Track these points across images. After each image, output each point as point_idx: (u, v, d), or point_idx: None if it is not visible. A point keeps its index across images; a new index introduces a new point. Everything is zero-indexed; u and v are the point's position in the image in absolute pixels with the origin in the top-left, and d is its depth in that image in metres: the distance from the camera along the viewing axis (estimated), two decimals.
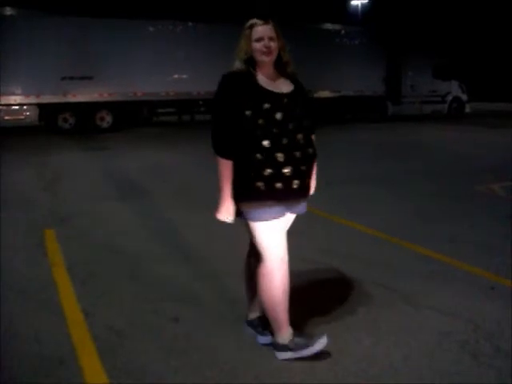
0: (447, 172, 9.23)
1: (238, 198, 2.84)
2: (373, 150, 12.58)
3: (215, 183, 2.89)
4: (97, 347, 3.11)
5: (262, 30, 2.82)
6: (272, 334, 3.05)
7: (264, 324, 3.15)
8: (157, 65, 16.93)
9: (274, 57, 2.85)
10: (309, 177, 2.92)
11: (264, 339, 3.13)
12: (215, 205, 2.88)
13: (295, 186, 2.81)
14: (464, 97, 22.73)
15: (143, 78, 16.76)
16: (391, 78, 21.30)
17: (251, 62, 2.85)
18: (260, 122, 2.74)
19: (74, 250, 4.96)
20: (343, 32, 21.03)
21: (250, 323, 3.24)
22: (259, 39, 2.80)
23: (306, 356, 2.95)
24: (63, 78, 15.93)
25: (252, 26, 2.84)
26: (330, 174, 7.75)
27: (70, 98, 16.23)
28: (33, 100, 15.87)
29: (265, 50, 2.80)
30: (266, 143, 2.74)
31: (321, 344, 2.97)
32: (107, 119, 17.13)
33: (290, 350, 2.96)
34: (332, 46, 19.97)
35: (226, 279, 4.15)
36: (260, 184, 2.75)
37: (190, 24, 18.00)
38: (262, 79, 2.85)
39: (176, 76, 17.83)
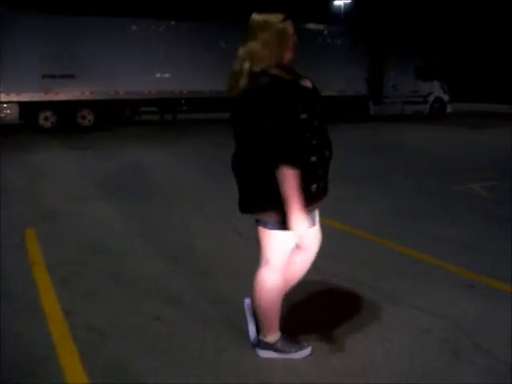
0: (430, 172, 9.28)
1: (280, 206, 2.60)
2: (355, 149, 12.60)
3: (197, 182, 2.87)
4: (78, 347, 3.08)
5: (291, 24, 2.69)
6: (258, 332, 3.04)
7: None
8: (139, 63, 16.78)
9: None
10: None
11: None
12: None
13: (326, 183, 2.85)
14: (445, 97, 22.88)
15: (125, 77, 16.61)
16: (373, 78, 21.40)
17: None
18: (315, 123, 2.67)
19: (55, 248, 4.91)
20: (326, 32, 21.06)
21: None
22: (293, 34, 2.68)
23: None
24: (44, 76, 15.76)
25: (284, 20, 2.66)
26: None
27: (51, 97, 16.05)
28: (13, 98, 15.65)
29: (296, 46, 2.71)
30: (315, 143, 2.67)
31: (303, 354, 2.99)
32: (89, 118, 16.98)
33: (274, 350, 2.97)
34: (315, 45, 19.93)
35: (211, 279, 4.15)
36: (313, 186, 2.69)
37: (173, 23, 17.91)
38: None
39: (158, 75, 17.70)
